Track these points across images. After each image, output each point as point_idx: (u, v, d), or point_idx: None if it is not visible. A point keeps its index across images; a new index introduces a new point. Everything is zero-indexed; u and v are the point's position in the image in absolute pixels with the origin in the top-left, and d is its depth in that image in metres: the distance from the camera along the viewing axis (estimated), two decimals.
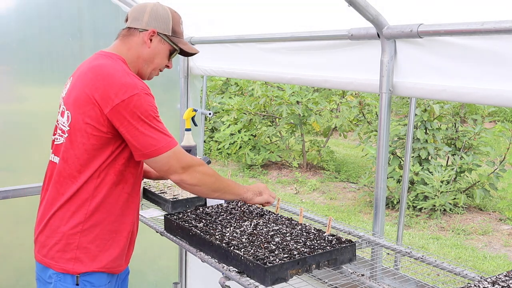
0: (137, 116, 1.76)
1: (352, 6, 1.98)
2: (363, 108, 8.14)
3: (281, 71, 2.72)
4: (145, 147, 1.79)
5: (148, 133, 1.78)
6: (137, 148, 1.80)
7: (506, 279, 1.59)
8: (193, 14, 2.87)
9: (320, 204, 7.63)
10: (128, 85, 1.77)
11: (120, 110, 1.76)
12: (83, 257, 1.85)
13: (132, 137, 1.78)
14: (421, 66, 2.03)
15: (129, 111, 1.76)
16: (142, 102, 1.77)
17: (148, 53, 1.95)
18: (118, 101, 1.75)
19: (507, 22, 1.63)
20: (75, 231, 1.85)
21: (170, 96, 3.54)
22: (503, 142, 8.01)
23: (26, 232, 2.91)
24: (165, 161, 1.82)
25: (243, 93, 10.01)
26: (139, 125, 1.77)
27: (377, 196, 2.24)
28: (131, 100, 1.75)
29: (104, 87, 1.77)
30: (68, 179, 1.86)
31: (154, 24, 1.95)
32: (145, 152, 1.80)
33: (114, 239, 1.91)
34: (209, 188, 1.94)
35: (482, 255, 5.75)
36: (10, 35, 2.85)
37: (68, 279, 1.85)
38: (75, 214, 1.85)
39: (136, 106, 1.76)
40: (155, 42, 1.95)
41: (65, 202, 1.86)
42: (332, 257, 1.79)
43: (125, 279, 2.13)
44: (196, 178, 1.89)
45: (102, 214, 1.87)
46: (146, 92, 1.81)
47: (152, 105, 1.82)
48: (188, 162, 1.87)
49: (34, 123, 2.97)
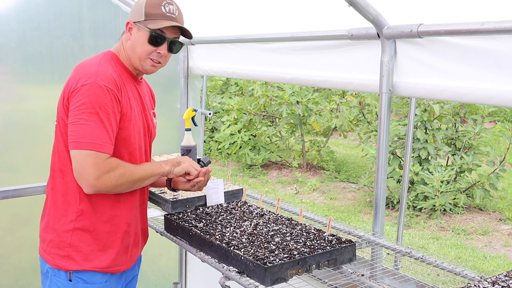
0: (81, 103, 1.73)
1: (352, 6, 1.98)
2: (363, 108, 8.14)
3: (281, 71, 2.72)
4: (71, 136, 1.75)
5: (80, 123, 1.73)
6: (69, 135, 1.76)
7: (506, 279, 1.59)
8: (193, 14, 2.87)
9: (320, 204, 7.62)
10: (87, 74, 1.78)
11: (72, 98, 1.77)
12: (75, 255, 1.88)
13: (70, 123, 1.76)
14: (421, 66, 2.03)
15: (77, 100, 1.75)
16: (90, 92, 1.74)
17: (130, 44, 1.93)
18: (73, 89, 1.77)
19: (507, 22, 1.63)
20: (67, 229, 1.88)
21: (170, 96, 3.54)
22: (503, 142, 8.01)
23: (26, 232, 2.93)
24: (81, 160, 1.72)
25: (243, 93, 10.00)
26: (78, 113, 1.74)
27: (377, 196, 2.24)
28: (81, 88, 1.75)
29: (70, 78, 1.83)
30: (57, 173, 1.89)
31: (131, 16, 1.94)
32: (71, 140, 1.74)
33: (108, 240, 1.92)
34: (127, 187, 1.86)
35: (482, 255, 5.75)
36: (10, 35, 2.85)
37: (62, 274, 1.89)
38: (66, 212, 1.88)
39: (83, 95, 1.74)
40: (134, 32, 1.92)
41: (58, 199, 1.90)
42: (332, 257, 1.79)
43: (131, 281, 2.13)
44: (110, 186, 1.78)
45: (92, 214, 1.88)
46: (100, 85, 1.75)
47: (101, 98, 1.74)
48: (101, 172, 1.73)
49: (34, 123, 2.97)
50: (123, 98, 1.84)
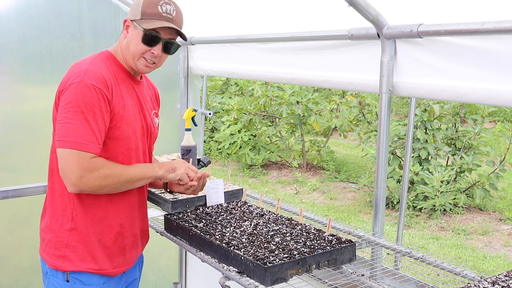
0: (68, 102, 1.73)
1: (352, 6, 1.98)
2: (363, 108, 8.14)
3: (281, 71, 2.72)
4: (57, 134, 1.75)
5: (65, 121, 1.72)
6: (56, 134, 1.76)
7: (506, 279, 1.59)
8: (193, 14, 2.87)
9: (320, 204, 7.62)
10: (76, 72, 1.78)
11: (61, 96, 1.77)
12: (71, 255, 1.88)
13: (58, 122, 1.76)
14: (421, 66, 2.03)
15: (63, 97, 1.75)
16: (78, 90, 1.73)
17: (125, 42, 1.92)
18: (63, 88, 1.78)
19: (507, 22, 1.63)
20: (63, 229, 1.88)
21: (170, 96, 3.54)
22: (503, 142, 8.01)
23: (26, 232, 2.93)
24: (65, 158, 1.72)
25: (243, 93, 10.00)
26: (62, 112, 1.74)
27: (377, 196, 2.24)
28: (69, 87, 1.75)
29: (63, 78, 1.83)
30: (55, 173, 1.88)
31: (129, 14, 1.94)
32: (57, 139, 1.74)
33: (100, 241, 1.91)
34: (113, 189, 1.84)
35: (482, 255, 5.75)
36: (10, 35, 2.85)
37: (59, 275, 1.89)
38: (63, 212, 1.88)
39: (70, 94, 1.74)
40: (130, 30, 1.92)
41: (56, 199, 1.90)
42: (332, 257, 1.79)
43: (132, 283, 2.12)
44: (94, 186, 1.75)
45: (84, 214, 1.88)
46: (88, 83, 1.74)
47: (87, 97, 1.73)
48: (83, 171, 1.71)
49: (34, 123, 2.97)
50: (114, 97, 1.82)
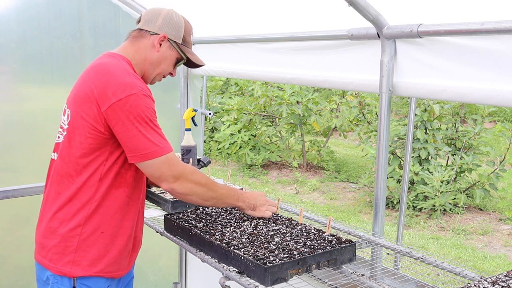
0: (132, 117, 1.73)
1: (352, 6, 1.98)
2: (363, 108, 8.14)
3: (281, 71, 2.72)
4: (138, 149, 1.76)
5: (142, 135, 1.74)
6: (130, 149, 1.77)
7: (506, 279, 1.59)
8: (193, 14, 2.87)
9: (320, 204, 7.63)
10: (127, 84, 1.75)
11: (116, 109, 1.73)
12: (81, 260, 1.84)
13: (125, 137, 1.75)
14: (421, 66, 2.03)
15: (124, 111, 1.72)
16: (139, 103, 1.74)
17: (156, 57, 1.94)
18: (115, 100, 1.72)
19: (507, 22, 1.63)
20: (73, 234, 1.83)
21: (170, 96, 3.54)
22: (503, 142, 8.01)
23: (26, 232, 2.92)
24: (157, 166, 1.77)
25: (243, 93, 10.00)
26: (133, 126, 1.73)
27: (377, 196, 2.24)
28: (127, 100, 1.72)
29: (102, 85, 1.76)
30: (65, 178, 1.85)
31: (166, 30, 1.93)
32: (137, 154, 1.76)
33: (114, 243, 1.89)
34: (200, 197, 1.92)
35: (482, 255, 5.75)
36: (10, 35, 2.85)
37: (65, 281, 1.84)
38: (74, 217, 1.83)
39: (133, 106, 1.73)
40: (164, 47, 1.94)
41: (64, 204, 1.85)
42: (332, 257, 1.79)
43: (129, 283, 2.12)
44: (187, 188, 1.85)
45: (101, 218, 1.85)
46: (144, 94, 1.77)
47: (150, 108, 1.78)
48: (180, 171, 1.83)
49: (34, 123, 2.97)
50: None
